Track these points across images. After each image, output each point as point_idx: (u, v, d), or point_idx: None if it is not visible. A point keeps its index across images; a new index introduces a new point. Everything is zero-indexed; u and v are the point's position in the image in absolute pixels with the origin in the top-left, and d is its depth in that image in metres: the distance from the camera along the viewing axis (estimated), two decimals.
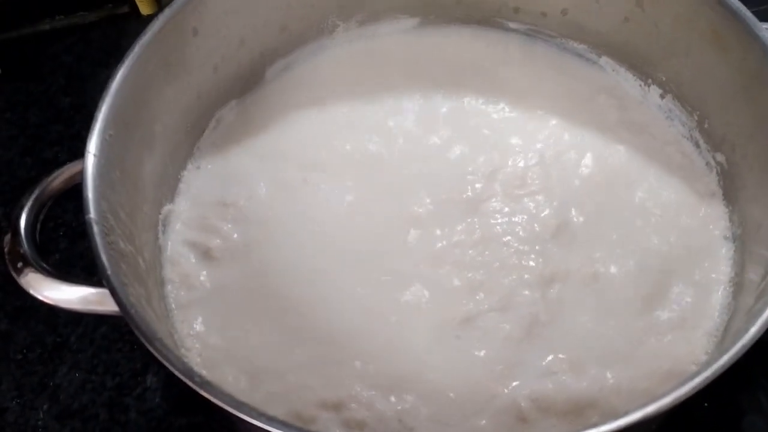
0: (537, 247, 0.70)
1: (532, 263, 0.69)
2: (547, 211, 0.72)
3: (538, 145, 0.77)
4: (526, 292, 0.67)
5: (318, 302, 0.68)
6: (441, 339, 0.66)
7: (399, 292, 0.68)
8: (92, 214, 0.55)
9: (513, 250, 0.70)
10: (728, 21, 0.65)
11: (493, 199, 0.73)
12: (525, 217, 0.72)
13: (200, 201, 0.74)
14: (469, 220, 0.72)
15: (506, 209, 0.73)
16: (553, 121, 0.79)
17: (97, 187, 0.57)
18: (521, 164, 0.76)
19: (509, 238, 0.71)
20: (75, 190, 0.64)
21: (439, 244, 0.71)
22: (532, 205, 0.73)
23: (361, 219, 0.73)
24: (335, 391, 0.63)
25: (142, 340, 0.50)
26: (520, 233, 0.71)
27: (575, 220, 0.72)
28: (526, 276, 0.68)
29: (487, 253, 0.70)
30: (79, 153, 0.62)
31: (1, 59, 1.02)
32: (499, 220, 0.72)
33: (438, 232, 0.72)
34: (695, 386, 0.48)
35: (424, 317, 0.67)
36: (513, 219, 0.72)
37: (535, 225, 0.71)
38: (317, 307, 0.67)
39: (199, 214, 0.74)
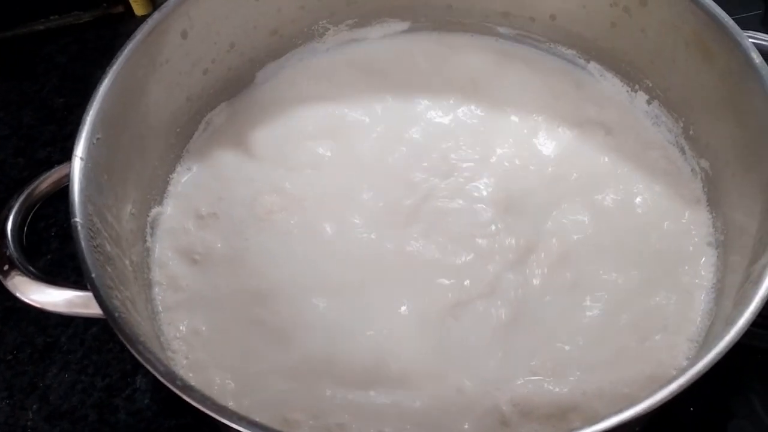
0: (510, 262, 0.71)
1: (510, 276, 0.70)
2: (527, 216, 0.73)
3: (522, 150, 0.78)
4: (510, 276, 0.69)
5: (303, 308, 0.68)
6: (421, 343, 0.66)
7: (380, 297, 0.69)
8: (78, 217, 0.55)
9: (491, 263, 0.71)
10: (711, 28, 0.66)
11: (474, 207, 0.74)
12: (508, 221, 0.73)
13: (188, 204, 0.75)
14: (446, 222, 0.73)
15: (490, 219, 0.73)
16: (539, 125, 0.79)
17: (83, 191, 0.57)
18: (502, 168, 0.76)
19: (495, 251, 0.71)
20: (66, 190, 0.64)
21: (425, 247, 0.72)
22: (513, 211, 0.73)
23: (347, 223, 0.73)
24: (317, 396, 0.63)
25: (125, 342, 0.51)
26: (502, 240, 0.72)
27: (555, 227, 0.72)
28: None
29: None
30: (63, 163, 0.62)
31: None
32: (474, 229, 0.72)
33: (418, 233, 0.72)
34: (671, 392, 0.48)
35: (404, 321, 0.67)
36: (495, 228, 0.73)
37: (511, 235, 0.72)
38: (302, 313, 0.68)
39: (187, 216, 0.74)
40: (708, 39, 0.66)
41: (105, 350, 0.80)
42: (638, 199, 0.74)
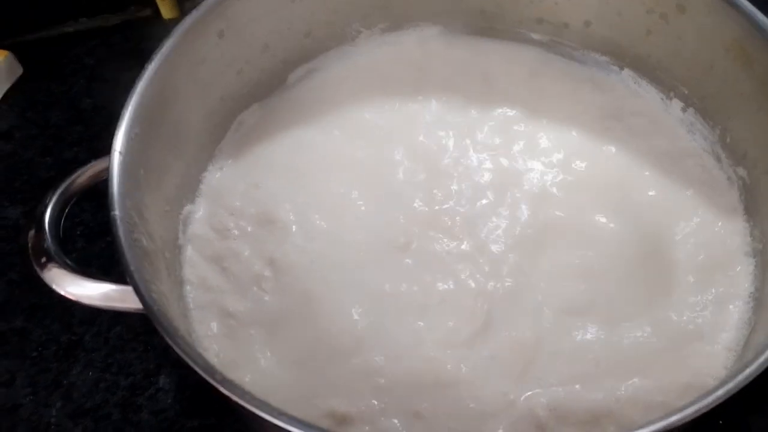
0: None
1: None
2: (557, 222, 0.73)
3: (555, 156, 0.77)
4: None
5: (334, 312, 0.67)
6: (456, 347, 0.65)
7: (416, 301, 0.68)
8: (117, 211, 0.55)
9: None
10: (753, 35, 0.65)
11: (499, 215, 0.73)
12: (538, 229, 0.72)
13: (219, 203, 0.75)
14: (469, 231, 0.72)
15: (509, 226, 0.73)
16: (572, 132, 0.79)
17: (122, 185, 0.57)
18: (534, 176, 0.76)
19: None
20: (94, 189, 0.65)
21: (451, 250, 0.71)
22: (543, 218, 0.73)
23: (378, 226, 0.73)
24: (347, 403, 0.63)
25: (164, 336, 0.50)
26: (530, 249, 0.71)
27: (587, 236, 0.72)
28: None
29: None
30: (99, 154, 0.62)
31: (24, 60, 1.03)
32: (502, 238, 0.72)
33: (453, 242, 0.72)
34: (719, 398, 0.47)
35: (438, 325, 0.67)
36: (523, 235, 0.72)
37: (540, 241, 0.71)
38: (333, 317, 0.67)
39: (218, 216, 0.74)
40: (748, 45, 0.66)
41: (128, 349, 0.80)
42: (672, 209, 0.73)
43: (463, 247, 0.71)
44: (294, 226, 0.73)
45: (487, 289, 0.68)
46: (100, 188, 0.60)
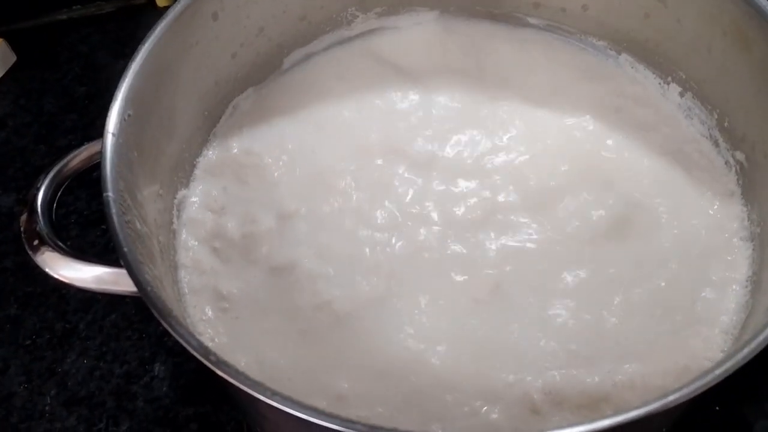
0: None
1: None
2: (553, 210, 0.72)
3: (550, 142, 0.77)
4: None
5: (327, 298, 0.67)
6: (451, 332, 0.65)
7: (410, 287, 0.68)
8: (110, 192, 0.55)
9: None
10: (752, 18, 0.65)
11: (500, 200, 0.73)
12: (536, 215, 0.72)
13: (214, 188, 0.74)
14: (472, 215, 0.72)
15: (516, 216, 0.72)
16: (568, 118, 0.78)
17: (115, 166, 0.57)
18: (529, 162, 0.75)
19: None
20: (88, 178, 0.64)
21: (443, 237, 0.71)
22: (540, 205, 0.72)
23: (372, 215, 0.72)
24: (341, 387, 0.62)
25: (158, 316, 0.49)
26: (530, 233, 0.71)
27: (583, 221, 0.71)
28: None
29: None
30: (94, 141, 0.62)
31: (18, 47, 1.03)
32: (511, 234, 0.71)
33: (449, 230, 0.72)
34: (715, 378, 0.47)
35: (433, 309, 0.66)
36: (524, 222, 0.72)
37: (538, 227, 0.71)
38: (326, 303, 0.67)
39: (210, 202, 0.73)
40: (747, 28, 0.65)
41: (123, 337, 0.80)
42: (670, 194, 0.73)
43: (460, 236, 0.71)
44: (290, 212, 0.72)
45: (480, 273, 0.68)
46: (94, 177, 0.59)
